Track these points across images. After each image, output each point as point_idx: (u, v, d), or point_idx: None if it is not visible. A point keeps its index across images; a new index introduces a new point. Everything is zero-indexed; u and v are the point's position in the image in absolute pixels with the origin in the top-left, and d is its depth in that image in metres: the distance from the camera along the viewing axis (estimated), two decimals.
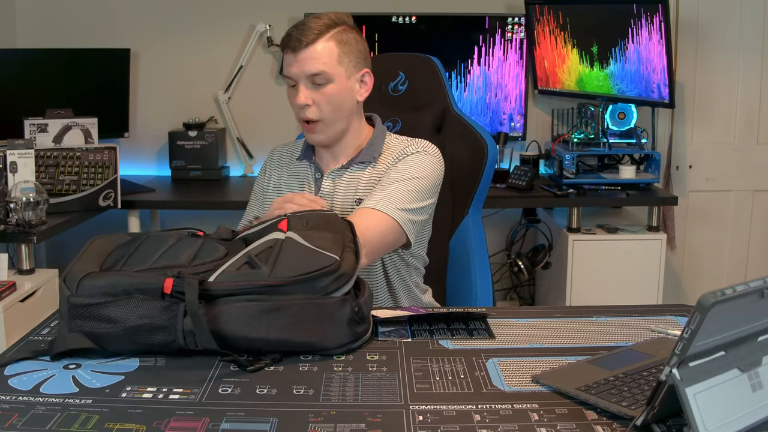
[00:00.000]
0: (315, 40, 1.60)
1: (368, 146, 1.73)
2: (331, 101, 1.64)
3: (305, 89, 1.62)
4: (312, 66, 1.60)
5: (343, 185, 1.72)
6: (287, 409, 1.07)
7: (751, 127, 3.52)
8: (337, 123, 1.67)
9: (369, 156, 1.72)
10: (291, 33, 1.62)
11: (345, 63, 1.63)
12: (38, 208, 2.44)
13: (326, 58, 1.61)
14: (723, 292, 0.88)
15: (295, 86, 1.64)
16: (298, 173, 1.79)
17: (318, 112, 1.64)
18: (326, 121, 1.65)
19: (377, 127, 1.77)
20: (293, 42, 1.61)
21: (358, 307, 1.28)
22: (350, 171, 1.73)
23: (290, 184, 1.79)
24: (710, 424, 0.91)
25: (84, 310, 1.20)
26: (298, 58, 1.61)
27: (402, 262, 1.75)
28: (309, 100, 1.62)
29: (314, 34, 1.60)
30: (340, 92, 1.64)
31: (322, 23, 1.62)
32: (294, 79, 1.63)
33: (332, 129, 1.67)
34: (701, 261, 3.62)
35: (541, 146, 3.48)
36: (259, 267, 1.25)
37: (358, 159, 1.72)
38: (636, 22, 3.00)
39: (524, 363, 1.24)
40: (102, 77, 3.28)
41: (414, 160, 1.68)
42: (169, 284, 1.20)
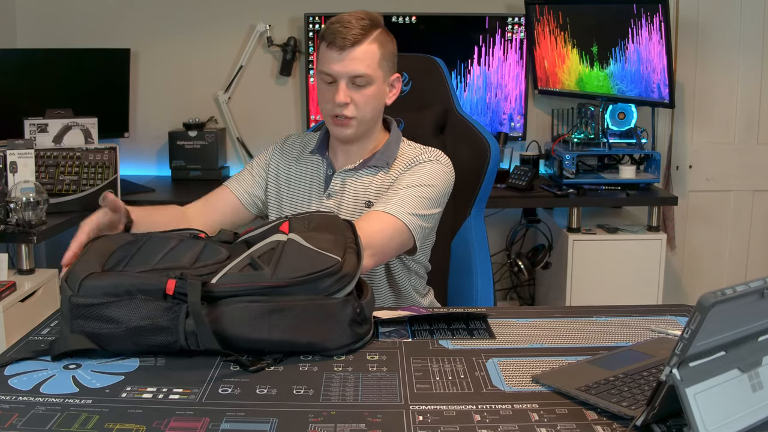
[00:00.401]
0: (361, 41, 1.61)
1: (383, 151, 1.73)
2: (369, 102, 1.65)
3: (345, 88, 1.62)
4: (357, 67, 1.61)
5: (354, 186, 1.72)
6: (287, 409, 1.07)
7: (751, 127, 3.52)
8: (367, 123, 1.69)
9: (383, 161, 1.72)
10: (336, 30, 1.61)
11: (383, 66, 1.65)
12: (38, 208, 2.44)
13: (370, 61, 1.62)
14: (723, 292, 0.88)
15: (333, 83, 1.64)
16: (309, 166, 1.79)
17: (354, 110, 1.64)
18: (359, 119, 1.66)
19: (393, 131, 1.77)
20: (339, 40, 1.60)
21: (360, 308, 1.28)
22: (362, 173, 1.73)
23: (301, 177, 1.78)
24: (710, 424, 0.91)
25: (86, 311, 1.20)
26: (343, 57, 1.61)
27: (404, 267, 1.76)
28: (348, 99, 1.63)
29: (360, 34, 1.61)
30: (377, 94, 1.66)
31: (366, 23, 1.63)
32: (334, 77, 1.63)
33: (362, 127, 1.69)
34: (701, 261, 3.62)
35: (541, 146, 3.48)
36: (262, 268, 1.25)
37: (371, 162, 1.72)
38: (636, 22, 3.00)
39: (524, 363, 1.24)
40: (102, 77, 3.28)
41: (426, 168, 1.69)
42: (171, 285, 1.20)
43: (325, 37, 1.63)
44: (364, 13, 1.65)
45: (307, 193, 1.76)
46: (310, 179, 1.77)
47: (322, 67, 1.64)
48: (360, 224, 1.55)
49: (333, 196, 1.73)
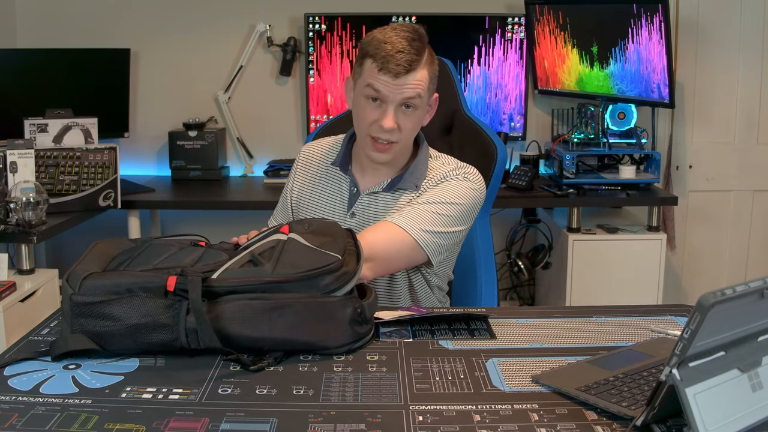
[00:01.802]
0: (416, 67, 1.54)
1: (411, 171, 1.67)
2: (414, 127, 1.61)
3: (393, 113, 1.56)
4: (410, 93, 1.55)
5: (379, 207, 1.68)
6: (287, 409, 1.07)
7: (751, 127, 3.52)
8: (408, 146, 1.66)
9: (411, 183, 1.66)
10: (390, 54, 1.52)
11: (430, 89, 1.61)
12: (38, 208, 2.44)
13: (422, 87, 1.56)
14: (723, 292, 0.87)
15: (377, 102, 1.57)
16: (332, 182, 1.73)
17: (399, 135, 1.59)
18: (401, 144, 1.62)
19: (422, 150, 1.70)
20: (393, 66, 1.52)
21: (362, 308, 1.28)
22: (390, 194, 1.68)
23: (323, 192, 1.73)
24: (710, 424, 0.91)
25: (86, 309, 1.21)
26: (398, 83, 1.54)
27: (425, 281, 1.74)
28: (395, 124, 1.57)
29: (415, 60, 1.53)
30: (421, 117, 1.62)
31: (418, 45, 1.54)
32: (384, 99, 1.56)
33: (401, 151, 1.65)
34: (701, 261, 3.62)
35: (541, 146, 3.48)
36: (262, 264, 1.26)
37: (400, 184, 1.67)
38: (636, 22, 3.00)
39: (524, 363, 1.24)
40: (102, 77, 3.28)
41: (452, 186, 1.64)
42: (172, 281, 1.20)
43: (376, 58, 1.54)
44: (413, 31, 1.56)
45: (329, 210, 1.72)
46: (332, 196, 1.73)
47: (369, 82, 1.55)
48: (366, 233, 1.53)
49: (358, 215, 1.69)
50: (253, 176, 3.52)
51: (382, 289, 1.70)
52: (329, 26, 3.33)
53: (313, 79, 3.39)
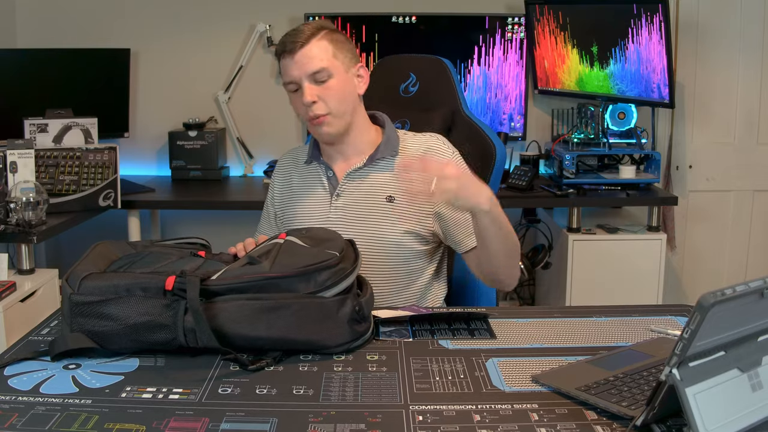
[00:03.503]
0: (309, 40, 1.65)
1: (385, 143, 1.75)
2: (335, 95, 1.67)
3: (310, 87, 1.65)
4: (311, 64, 1.64)
5: (367, 184, 1.73)
6: (287, 409, 1.07)
7: (751, 127, 3.52)
8: (344, 116, 1.70)
9: (389, 151, 1.74)
10: (284, 40, 1.67)
11: (340, 58, 1.68)
12: (38, 208, 2.44)
13: (323, 55, 1.65)
14: (723, 292, 0.88)
15: (298, 90, 1.67)
16: (308, 175, 1.80)
17: (325, 106, 1.66)
18: (334, 113, 1.68)
19: (387, 125, 1.79)
20: (289, 45, 1.65)
21: (359, 306, 1.28)
22: (372, 168, 1.74)
23: (303, 187, 1.79)
24: (710, 424, 0.91)
25: (85, 308, 1.21)
26: (296, 60, 1.64)
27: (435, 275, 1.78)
28: (315, 97, 1.65)
29: (306, 35, 1.65)
30: (342, 85, 1.68)
31: (312, 26, 1.68)
32: (296, 81, 1.66)
33: (340, 121, 1.70)
34: (701, 261, 3.62)
35: (541, 146, 3.48)
36: (260, 263, 1.26)
37: (378, 155, 1.73)
38: (636, 22, 3.00)
39: (524, 363, 1.24)
40: (102, 77, 3.28)
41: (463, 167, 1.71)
42: (171, 281, 1.21)
43: (278, 51, 1.69)
44: (312, 21, 1.73)
45: (312, 200, 1.76)
46: (313, 187, 1.78)
47: (284, 78, 1.68)
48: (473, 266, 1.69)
49: (342, 195, 1.73)
50: (253, 176, 3.52)
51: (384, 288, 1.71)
52: None
53: None
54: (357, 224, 1.70)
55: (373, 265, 1.70)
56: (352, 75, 1.71)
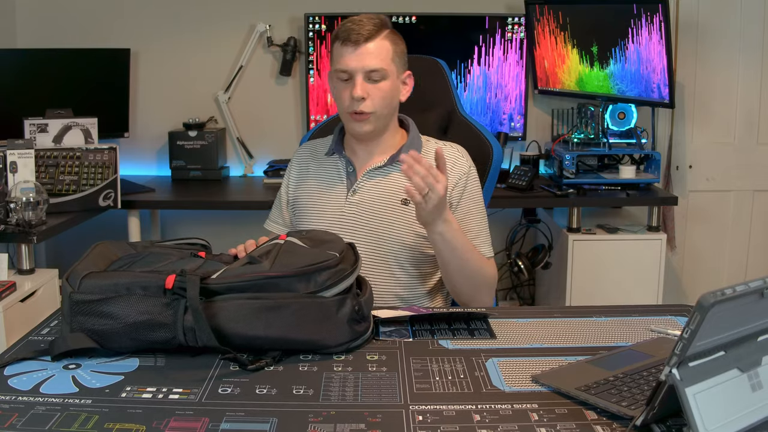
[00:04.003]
0: (374, 37, 1.66)
1: (408, 146, 1.76)
2: (384, 96, 1.69)
3: (362, 82, 1.66)
4: (372, 61, 1.66)
5: (384, 184, 1.74)
6: (287, 409, 1.07)
7: (751, 127, 3.52)
8: (385, 118, 1.73)
9: None
10: (349, 27, 1.67)
11: (396, 62, 1.70)
12: (38, 208, 2.44)
13: (383, 55, 1.67)
14: (723, 292, 0.88)
15: (349, 80, 1.68)
16: (327, 167, 1.81)
17: (372, 105, 1.68)
18: (377, 114, 1.69)
19: (412, 129, 1.81)
20: (354, 36, 1.66)
21: (359, 305, 1.28)
22: (392, 169, 1.75)
23: (320, 178, 1.80)
24: (710, 424, 0.91)
25: (85, 307, 1.21)
26: (358, 52, 1.65)
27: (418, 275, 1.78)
28: (365, 94, 1.66)
29: (374, 30, 1.66)
30: (391, 89, 1.70)
31: (377, 22, 1.69)
32: (350, 72, 1.67)
33: (380, 122, 1.72)
34: (701, 261, 3.62)
35: (541, 146, 3.48)
36: (260, 263, 1.26)
37: (399, 157, 1.72)
38: (636, 22, 3.00)
39: (524, 363, 1.24)
40: (102, 77, 3.28)
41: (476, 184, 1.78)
42: (171, 280, 1.21)
43: (339, 36, 1.69)
44: (374, 15, 1.72)
45: (329, 193, 1.77)
46: (331, 180, 1.78)
47: (338, 64, 1.68)
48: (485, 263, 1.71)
49: (359, 192, 1.74)
50: (253, 176, 3.52)
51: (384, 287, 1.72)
52: (329, 26, 3.33)
53: (313, 79, 3.39)
54: (370, 222, 1.72)
55: (381, 265, 1.71)
56: (400, 81, 1.73)
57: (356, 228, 1.72)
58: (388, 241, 1.71)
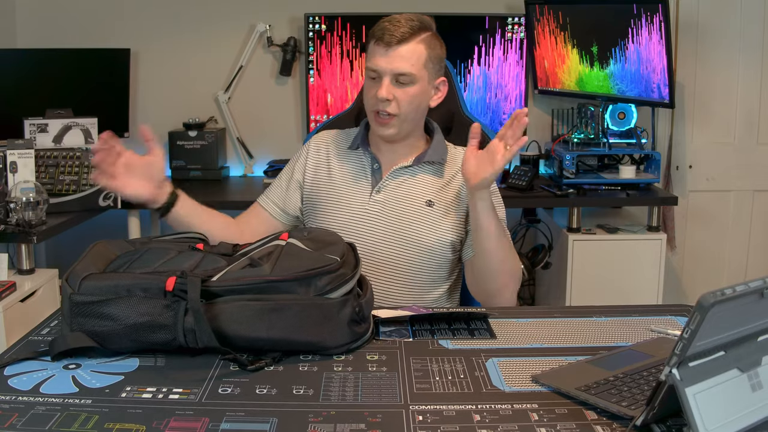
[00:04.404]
0: (408, 40, 1.64)
1: (435, 147, 1.75)
2: (411, 101, 1.67)
3: (389, 84, 1.64)
4: (401, 65, 1.63)
5: (409, 184, 1.74)
6: (287, 409, 1.07)
7: (751, 127, 3.52)
8: (410, 122, 1.71)
9: (437, 156, 1.75)
10: (386, 27, 1.64)
11: (429, 68, 1.67)
12: (38, 208, 2.44)
13: (415, 60, 1.64)
14: (723, 292, 0.87)
15: (377, 79, 1.66)
16: (351, 161, 1.79)
17: (396, 107, 1.66)
18: (401, 117, 1.68)
19: (437, 132, 1.80)
20: (387, 36, 1.63)
21: (360, 307, 1.28)
22: (417, 170, 1.75)
23: (343, 172, 1.78)
24: (710, 424, 0.91)
25: (85, 308, 1.21)
26: (389, 54, 1.63)
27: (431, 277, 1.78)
28: (390, 96, 1.65)
29: (408, 33, 1.63)
30: (420, 94, 1.68)
31: (415, 24, 1.65)
32: (379, 72, 1.65)
33: (404, 126, 1.71)
34: (701, 261, 3.62)
35: (541, 146, 3.48)
36: (261, 266, 1.26)
37: (426, 158, 1.74)
38: (636, 22, 3.00)
39: (524, 363, 1.24)
40: (102, 77, 3.28)
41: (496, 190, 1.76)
42: (172, 282, 1.21)
43: (374, 34, 1.66)
44: (416, 16, 1.68)
45: (352, 189, 1.75)
46: (355, 175, 1.77)
47: (368, 62, 1.67)
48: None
49: (383, 191, 1.74)
50: (253, 176, 3.52)
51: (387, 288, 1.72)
52: (329, 26, 3.33)
53: (313, 79, 3.39)
54: (393, 222, 1.71)
55: (398, 265, 1.71)
56: (432, 86, 1.71)
57: (379, 227, 1.72)
58: (410, 241, 1.70)
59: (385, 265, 1.71)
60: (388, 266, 1.71)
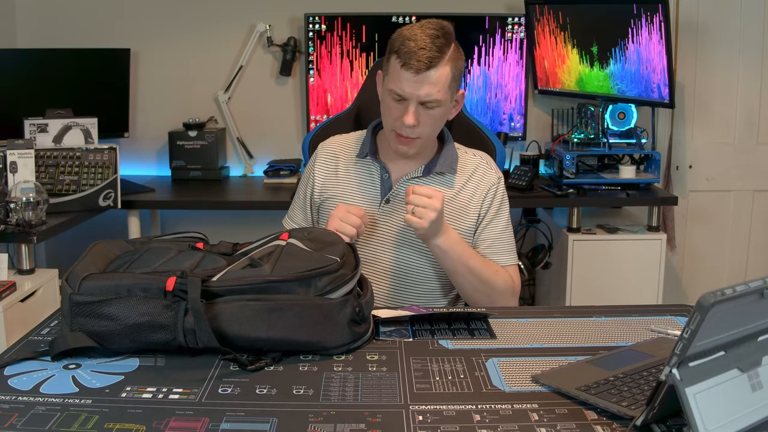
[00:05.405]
0: (437, 65, 1.58)
1: (445, 156, 1.74)
2: (434, 123, 1.65)
3: (415, 110, 1.60)
4: (430, 92, 1.59)
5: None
6: (287, 409, 1.07)
7: (751, 127, 3.52)
8: (430, 140, 1.71)
9: (447, 166, 1.73)
10: (413, 50, 1.57)
11: (452, 87, 1.64)
12: (38, 208, 2.44)
13: (442, 85, 1.60)
14: (723, 292, 0.87)
15: (401, 101, 1.61)
16: (360, 170, 1.77)
17: (420, 131, 1.64)
18: (424, 138, 1.67)
19: (448, 139, 1.78)
20: (416, 63, 1.56)
21: (360, 307, 1.28)
22: (428, 180, 1.73)
23: (352, 181, 1.76)
24: (710, 424, 0.91)
25: (85, 308, 1.21)
26: (418, 80, 1.58)
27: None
28: (417, 121, 1.61)
29: (436, 56, 1.57)
30: (443, 115, 1.67)
31: (441, 42, 1.58)
32: (405, 97, 1.60)
33: (424, 144, 1.70)
34: (701, 261, 3.62)
35: (541, 146, 3.48)
36: (261, 266, 1.26)
37: (435, 168, 1.73)
38: (636, 22, 3.00)
39: (524, 363, 1.24)
40: (102, 77, 3.28)
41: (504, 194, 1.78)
42: (172, 282, 1.21)
43: (399, 54, 1.59)
44: (438, 28, 1.60)
45: (362, 198, 1.74)
46: (364, 184, 1.76)
47: (393, 85, 1.60)
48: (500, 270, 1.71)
49: (393, 200, 1.73)
50: (253, 176, 3.52)
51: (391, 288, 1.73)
52: (329, 26, 3.33)
53: (313, 79, 3.39)
54: (402, 232, 1.71)
55: (407, 274, 1.72)
56: (452, 103, 1.68)
57: (388, 236, 1.72)
58: (419, 251, 1.71)
59: (395, 274, 1.72)
60: (397, 275, 1.72)
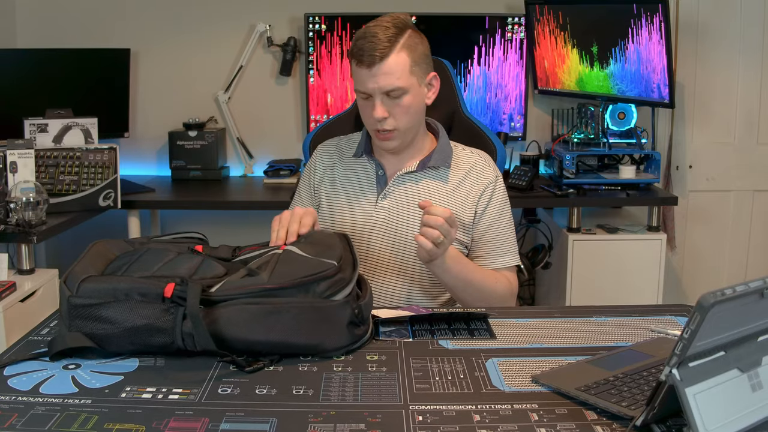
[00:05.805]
0: (388, 54, 1.59)
1: (439, 151, 1.74)
2: (406, 111, 1.65)
3: (381, 103, 1.62)
4: (388, 82, 1.60)
5: (417, 191, 1.73)
6: (287, 409, 1.07)
7: (751, 127, 3.52)
8: (410, 130, 1.70)
9: (441, 160, 1.74)
10: (362, 47, 1.59)
11: (416, 72, 1.64)
12: (38, 208, 2.44)
13: (400, 72, 1.60)
14: (723, 292, 0.87)
15: (368, 99, 1.63)
16: (356, 168, 1.78)
17: (394, 122, 1.65)
18: (401, 129, 1.67)
19: (442, 134, 1.79)
20: (366, 57, 1.58)
21: (359, 309, 1.28)
22: (422, 175, 1.74)
23: (349, 180, 1.78)
24: (710, 424, 0.91)
25: (84, 311, 1.21)
26: (373, 74, 1.59)
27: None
28: (386, 113, 1.63)
29: (386, 46, 1.58)
30: (414, 101, 1.66)
31: (391, 33, 1.59)
32: (369, 93, 1.62)
33: (406, 135, 1.70)
34: (701, 261, 3.62)
35: (541, 146, 3.48)
36: (259, 275, 1.26)
37: (430, 162, 1.73)
38: (636, 22, 3.00)
39: (524, 363, 1.24)
40: (102, 77, 3.28)
41: (503, 193, 1.77)
42: (170, 288, 1.20)
43: (354, 55, 1.61)
44: (389, 20, 1.62)
45: (358, 197, 1.76)
46: (360, 182, 1.77)
47: (356, 85, 1.64)
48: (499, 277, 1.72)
49: (389, 197, 1.74)
50: (253, 176, 3.52)
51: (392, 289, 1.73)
52: (329, 26, 3.33)
53: (313, 79, 3.39)
54: (400, 228, 1.71)
55: (405, 271, 1.72)
56: (424, 86, 1.68)
57: (385, 233, 1.72)
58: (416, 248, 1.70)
59: (392, 272, 1.72)
60: (395, 272, 1.72)
